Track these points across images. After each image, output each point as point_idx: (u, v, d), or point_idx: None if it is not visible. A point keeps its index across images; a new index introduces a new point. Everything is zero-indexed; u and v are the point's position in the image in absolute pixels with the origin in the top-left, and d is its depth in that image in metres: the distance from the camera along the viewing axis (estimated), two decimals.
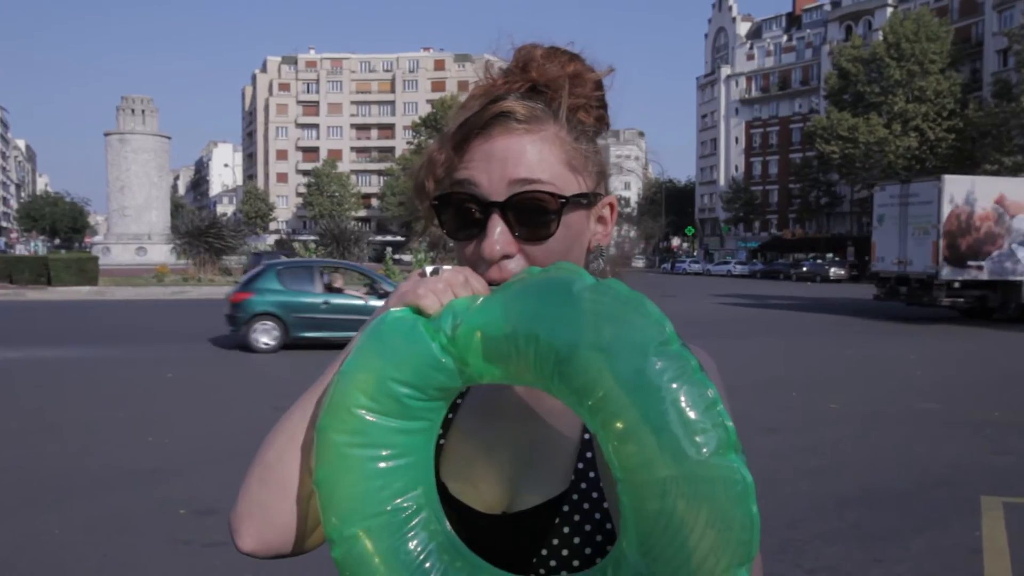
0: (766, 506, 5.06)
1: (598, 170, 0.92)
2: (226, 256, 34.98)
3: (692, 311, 22.59)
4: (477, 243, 0.85)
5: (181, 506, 5.15)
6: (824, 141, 55.94)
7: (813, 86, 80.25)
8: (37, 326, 17.66)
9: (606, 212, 0.94)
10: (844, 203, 70.77)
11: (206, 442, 6.89)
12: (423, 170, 0.91)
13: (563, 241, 0.86)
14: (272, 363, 11.77)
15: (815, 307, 26.48)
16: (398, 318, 0.76)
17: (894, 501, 5.41)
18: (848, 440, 7.21)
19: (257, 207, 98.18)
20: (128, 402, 8.62)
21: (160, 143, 52.58)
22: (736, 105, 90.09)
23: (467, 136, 0.86)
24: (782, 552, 4.37)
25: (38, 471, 6.00)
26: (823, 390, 9.81)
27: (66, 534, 4.65)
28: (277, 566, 4.20)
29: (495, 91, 0.88)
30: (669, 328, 0.66)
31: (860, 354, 13.69)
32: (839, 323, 20.40)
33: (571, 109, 0.89)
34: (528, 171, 0.84)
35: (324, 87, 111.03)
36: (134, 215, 50.20)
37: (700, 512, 0.62)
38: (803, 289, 41.24)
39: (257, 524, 0.83)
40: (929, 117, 53.12)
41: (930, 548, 4.52)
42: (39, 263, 31.03)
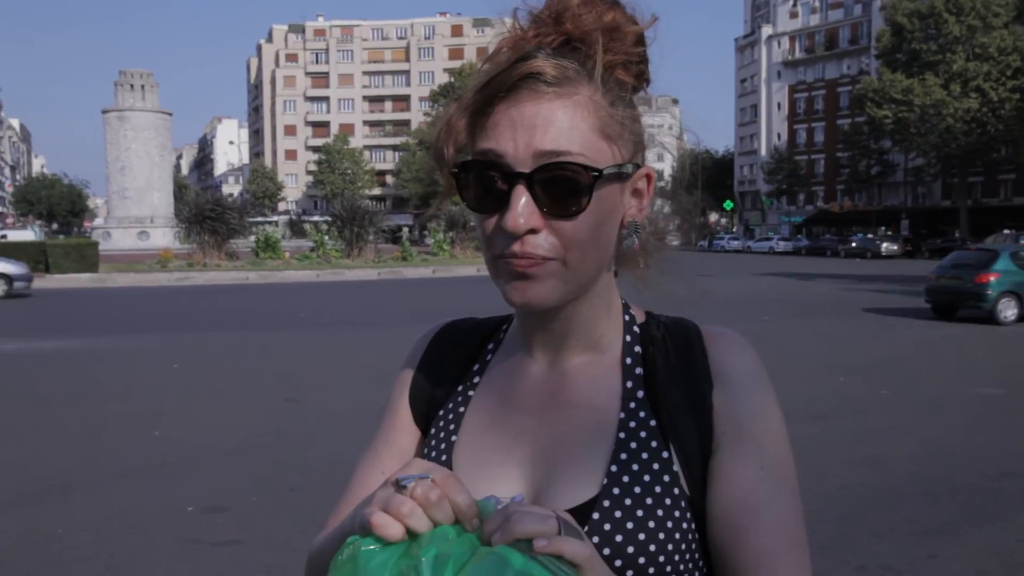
0: (813, 499, 5.07)
1: (635, 139, 0.88)
2: (233, 240, 35.24)
3: (731, 291, 22.44)
4: (500, 216, 0.82)
5: (189, 503, 5.23)
6: (875, 105, 55.17)
7: (863, 45, 79.07)
8: (35, 316, 17.94)
9: (642, 184, 0.91)
10: (897, 172, 69.84)
11: (215, 436, 6.98)
12: (443, 135, 0.87)
13: (594, 216, 0.83)
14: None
15: (865, 286, 26.22)
16: (360, 557, 0.71)
17: (951, 493, 5.37)
18: (901, 428, 7.16)
19: (265, 186, 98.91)
20: (133, 395, 8.75)
21: (161, 120, 53.05)
22: (778, 68, 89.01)
23: (491, 98, 0.83)
24: (829, 548, 4.37)
25: (40, 467, 6.11)
26: (874, 375, 9.73)
27: (70, 533, 4.74)
28: (289, 566, 4.26)
29: (524, 45, 0.85)
30: None
31: (915, 336, 13.56)
32: (892, 303, 20.20)
33: (608, 67, 0.86)
34: (556, 142, 0.81)
35: (334, 57, 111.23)
36: (135, 197, 50.79)
37: None
38: (852, 266, 40.87)
39: None
40: (991, 76, 52.13)
41: (990, 543, 4.49)
42: (36, 249, 31.47)
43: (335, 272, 31.25)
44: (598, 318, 0.93)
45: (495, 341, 1.01)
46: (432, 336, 1.05)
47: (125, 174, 50.85)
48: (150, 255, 34.81)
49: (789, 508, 0.87)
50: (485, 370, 0.99)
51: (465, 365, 1.01)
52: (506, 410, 0.93)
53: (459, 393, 0.98)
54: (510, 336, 1.00)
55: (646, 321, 0.96)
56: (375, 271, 31.69)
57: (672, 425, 0.88)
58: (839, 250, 57.21)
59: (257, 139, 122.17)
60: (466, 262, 35.60)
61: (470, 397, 0.97)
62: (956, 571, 4.13)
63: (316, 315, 17.16)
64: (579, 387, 0.92)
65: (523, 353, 0.96)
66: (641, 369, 0.92)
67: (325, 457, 6.20)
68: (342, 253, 36.41)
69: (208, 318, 17.05)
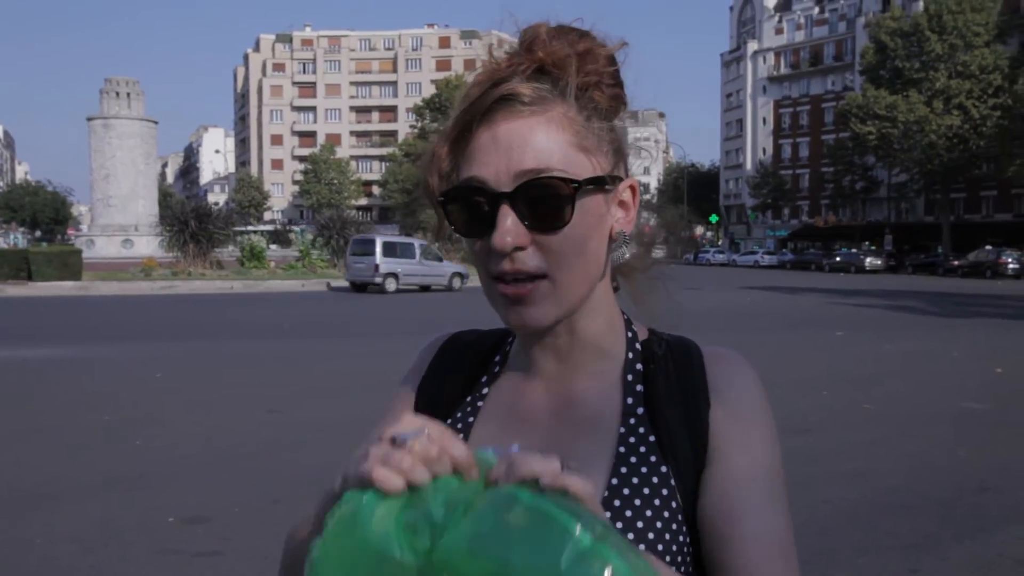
0: (796, 513, 5.05)
1: (614, 148, 0.90)
2: (218, 249, 35.11)
3: (716, 304, 22.53)
4: (488, 240, 0.84)
5: (170, 514, 5.19)
6: (859, 121, 55.71)
7: (847, 62, 79.86)
8: (17, 324, 17.80)
9: (627, 196, 0.93)
10: (881, 188, 70.43)
11: (197, 446, 6.94)
12: (427, 166, 0.90)
13: (580, 228, 0.85)
14: (265, 358, 11.84)
15: (849, 300, 26.39)
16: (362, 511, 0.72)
17: (933, 508, 5.39)
18: (884, 442, 7.19)
19: (251, 196, 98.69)
20: (115, 404, 8.68)
21: (147, 128, 52.85)
22: (764, 83, 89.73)
23: (469, 124, 0.86)
24: (811, 562, 4.38)
25: (19, 476, 6.05)
26: (857, 388, 9.78)
27: (49, 544, 4.69)
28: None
29: (498, 74, 0.87)
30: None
31: (898, 350, 13.65)
32: (875, 317, 20.33)
33: (582, 87, 0.88)
34: (535, 159, 0.83)
35: (321, 67, 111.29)
36: (119, 205, 50.52)
37: None
38: (837, 281, 41.13)
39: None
40: (973, 94, 52.80)
41: (971, 558, 4.51)
42: (19, 256, 31.23)
43: (320, 282, 31.18)
44: (600, 334, 0.95)
45: (502, 354, 1.04)
46: (439, 346, 1.08)
47: (109, 182, 50.59)
48: (134, 263, 34.60)
49: (779, 520, 0.88)
50: (493, 383, 1.01)
51: (473, 376, 1.03)
52: (513, 423, 0.95)
53: (468, 403, 1.01)
54: (516, 350, 1.02)
55: (648, 339, 0.98)
56: None
57: (670, 441, 0.90)
58: (823, 264, 57.61)
59: (243, 148, 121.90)
60: None
61: (479, 408, 0.99)
62: None
63: (301, 325, 17.11)
64: (582, 402, 0.95)
65: (528, 368, 0.98)
66: (642, 386, 0.94)
67: (308, 468, 6.16)
68: (328, 263, 36.33)
69: (192, 327, 16.96)
